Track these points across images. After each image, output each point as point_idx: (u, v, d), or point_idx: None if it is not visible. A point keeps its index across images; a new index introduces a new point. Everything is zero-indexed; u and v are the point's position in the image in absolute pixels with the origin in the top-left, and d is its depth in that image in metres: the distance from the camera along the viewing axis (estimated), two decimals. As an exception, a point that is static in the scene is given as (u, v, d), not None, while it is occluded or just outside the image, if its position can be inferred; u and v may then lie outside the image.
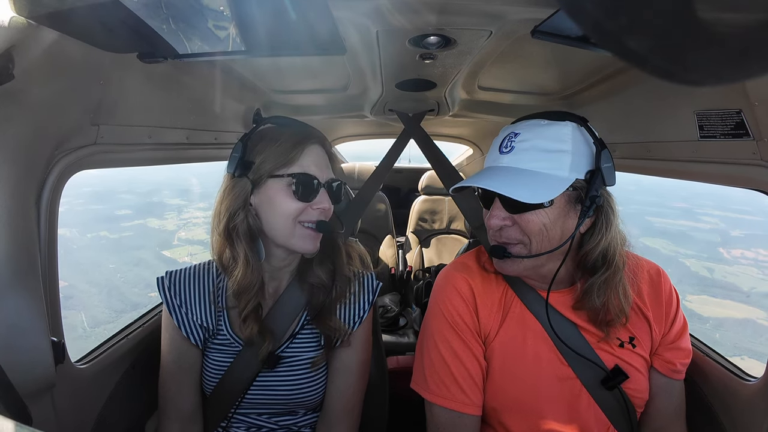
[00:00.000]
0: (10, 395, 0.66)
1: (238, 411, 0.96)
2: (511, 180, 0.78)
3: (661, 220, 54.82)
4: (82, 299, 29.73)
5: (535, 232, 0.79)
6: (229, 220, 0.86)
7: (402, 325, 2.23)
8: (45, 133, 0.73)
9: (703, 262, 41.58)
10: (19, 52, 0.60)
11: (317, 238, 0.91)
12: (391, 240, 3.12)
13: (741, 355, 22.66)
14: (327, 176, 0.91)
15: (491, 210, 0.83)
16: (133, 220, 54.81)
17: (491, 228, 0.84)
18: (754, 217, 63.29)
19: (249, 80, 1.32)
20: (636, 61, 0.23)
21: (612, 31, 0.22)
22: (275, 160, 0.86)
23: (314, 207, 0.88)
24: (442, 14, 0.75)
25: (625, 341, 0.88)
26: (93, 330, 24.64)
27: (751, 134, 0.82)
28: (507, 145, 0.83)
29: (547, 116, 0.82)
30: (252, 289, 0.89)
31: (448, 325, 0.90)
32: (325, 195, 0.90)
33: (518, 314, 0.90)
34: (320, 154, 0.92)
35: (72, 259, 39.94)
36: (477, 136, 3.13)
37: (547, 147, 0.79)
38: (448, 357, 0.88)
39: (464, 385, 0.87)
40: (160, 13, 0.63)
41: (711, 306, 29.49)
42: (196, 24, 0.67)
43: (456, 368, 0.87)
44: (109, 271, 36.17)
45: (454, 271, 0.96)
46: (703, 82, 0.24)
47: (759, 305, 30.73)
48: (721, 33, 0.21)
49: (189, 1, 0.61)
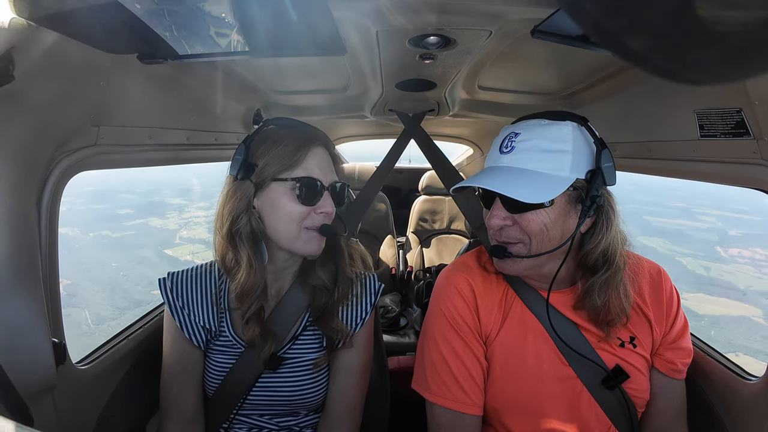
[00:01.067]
0: (11, 396, 0.66)
1: (240, 412, 0.96)
2: (511, 180, 0.78)
3: (659, 219, 54.93)
4: (86, 297, 29.83)
5: (536, 231, 0.79)
6: (233, 224, 0.86)
7: (403, 325, 2.24)
8: (45, 134, 0.74)
9: (700, 261, 41.75)
10: (20, 53, 0.60)
11: (321, 241, 0.91)
12: (391, 240, 3.12)
13: (736, 352, 22.89)
14: (331, 179, 0.91)
15: (492, 210, 0.83)
16: (135, 219, 54.99)
17: (491, 228, 0.84)
18: (752, 217, 63.38)
19: (249, 81, 1.32)
20: (636, 60, 0.23)
21: (612, 31, 0.22)
22: (279, 163, 0.86)
23: (318, 211, 0.88)
24: (442, 14, 0.75)
25: (625, 341, 0.88)
26: (97, 327, 24.70)
27: (751, 133, 0.81)
28: (507, 145, 0.83)
29: (548, 116, 0.82)
30: (255, 292, 0.89)
31: (449, 325, 0.90)
32: (328, 198, 0.90)
33: (519, 314, 0.90)
34: (324, 157, 0.91)
35: (75, 257, 40.11)
36: (477, 136, 3.13)
37: (547, 147, 0.79)
38: (449, 357, 0.88)
39: (465, 385, 0.87)
40: (160, 15, 0.63)
41: (707, 304, 29.64)
42: (197, 25, 0.67)
43: (457, 368, 0.87)
44: (112, 270, 36.31)
45: (455, 271, 0.96)
46: (703, 81, 0.24)
47: (755, 303, 30.94)
48: (721, 32, 0.21)
49: (189, 2, 0.61)
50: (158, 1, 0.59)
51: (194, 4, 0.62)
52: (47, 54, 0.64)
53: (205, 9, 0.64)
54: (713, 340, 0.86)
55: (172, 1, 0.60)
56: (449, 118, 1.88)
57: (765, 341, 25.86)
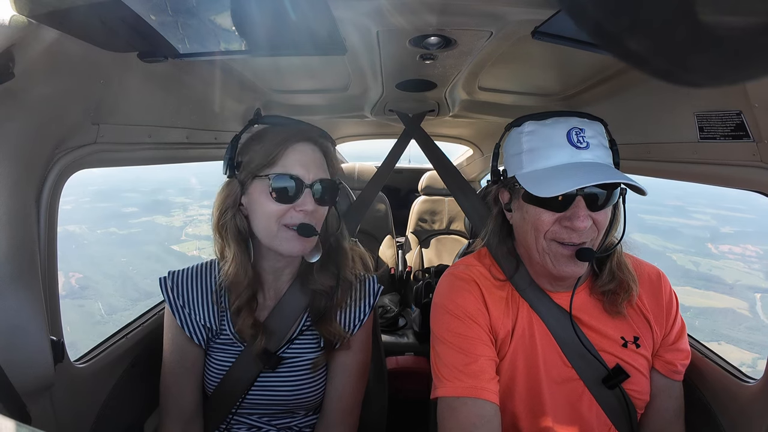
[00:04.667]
0: (9, 394, 0.66)
1: (239, 411, 0.96)
2: (613, 174, 0.77)
3: (653, 217, 55.21)
4: (98, 289, 30.39)
5: (604, 228, 0.82)
6: (219, 219, 0.89)
7: (401, 325, 2.23)
8: (45, 131, 0.73)
9: (690, 257, 42.11)
10: (20, 50, 0.60)
11: (304, 241, 0.87)
12: (390, 240, 3.12)
13: (719, 341, 23.43)
14: (315, 176, 0.88)
15: (577, 211, 0.78)
16: (140, 217, 55.31)
17: (579, 229, 0.78)
18: (746, 215, 63.62)
19: (249, 80, 1.32)
20: (636, 62, 0.24)
21: (612, 33, 0.22)
22: (258, 161, 0.86)
23: (297, 209, 0.86)
24: (442, 15, 0.75)
25: (629, 341, 0.88)
26: (110, 316, 25.39)
27: (751, 136, 0.82)
28: (581, 141, 0.81)
29: (578, 114, 0.85)
30: (241, 285, 0.90)
31: (457, 320, 0.87)
32: (309, 197, 0.86)
33: (526, 317, 0.90)
34: (308, 153, 0.89)
35: (85, 253, 40.48)
36: (477, 137, 3.13)
37: (604, 143, 0.83)
38: (460, 346, 0.85)
39: (480, 373, 0.83)
40: (160, 13, 0.63)
41: (694, 297, 29.99)
42: (197, 23, 0.67)
43: (471, 357, 0.84)
44: (122, 264, 36.82)
45: (459, 271, 0.95)
46: (703, 83, 0.24)
47: (741, 296, 31.42)
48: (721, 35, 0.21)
49: (189, 0, 0.61)
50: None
51: (195, 3, 0.62)
52: (47, 52, 0.64)
53: (205, 7, 0.63)
54: (697, 330, 0.88)
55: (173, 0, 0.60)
56: (449, 118, 1.89)
57: (748, 331, 26.39)
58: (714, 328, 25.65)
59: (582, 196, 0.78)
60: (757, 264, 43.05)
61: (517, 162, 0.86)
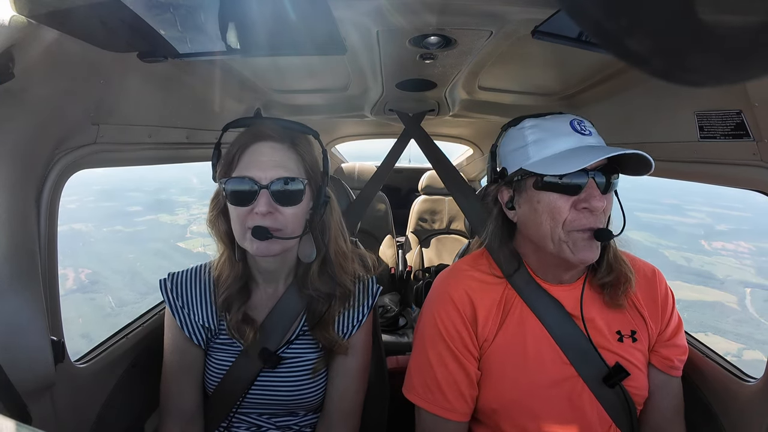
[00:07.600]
0: (10, 394, 0.66)
1: (239, 411, 0.96)
2: (628, 150, 0.79)
3: (648, 215, 55.29)
4: (107, 284, 31.06)
5: (608, 213, 0.84)
6: (209, 219, 0.94)
7: (402, 325, 2.24)
8: (45, 132, 0.73)
9: (682, 253, 42.22)
10: (20, 51, 0.60)
11: (267, 242, 0.84)
12: (390, 240, 3.12)
13: (706, 332, 23.72)
14: (274, 176, 0.84)
15: (592, 191, 0.80)
16: (145, 215, 55.78)
17: (596, 209, 0.79)
18: (742, 213, 63.59)
19: (249, 80, 1.32)
20: (636, 61, 0.24)
21: (612, 32, 0.22)
22: (222, 166, 0.88)
23: (254, 211, 0.84)
24: (442, 14, 0.75)
25: (625, 335, 0.89)
26: (121, 309, 26.09)
27: (751, 135, 0.82)
28: (584, 129, 0.84)
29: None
30: (228, 277, 0.93)
31: (439, 335, 0.89)
32: (263, 198, 0.83)
33: (518, 315, 0.90)
34: (266, 152, 0.85)
35: (92, 250, 41.08)
36: (477, 137, 3.13)
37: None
38: (435, 364, 0.88)
39: (448, 392, 0.87)
40: (160, 13, 0.63)
41: (684, 290, 30.25)
42: (197, 23, 0.67)
43: (442, 376, 0.87)
44: (130, 261, 37.49)
45: (451, 279, 0.95)
46: (703, 83, 0.24)
47: (732, 291, 31.84)
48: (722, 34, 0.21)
49: (189, 0, 0.61)
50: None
51: (195, 3, 0.62)
52: (47, 52, 0.64)
53: (205, 7, 0.64)
54: (685, 321, 0.91)
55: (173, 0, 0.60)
56: (449, 118, 1.88)
57: (736, 324, 26.70)
58: (702, 320, 26.07)
59: (593, 178, 0.80)
60: (749, 260, 43.27)
61: (521, 154, 0.86)
